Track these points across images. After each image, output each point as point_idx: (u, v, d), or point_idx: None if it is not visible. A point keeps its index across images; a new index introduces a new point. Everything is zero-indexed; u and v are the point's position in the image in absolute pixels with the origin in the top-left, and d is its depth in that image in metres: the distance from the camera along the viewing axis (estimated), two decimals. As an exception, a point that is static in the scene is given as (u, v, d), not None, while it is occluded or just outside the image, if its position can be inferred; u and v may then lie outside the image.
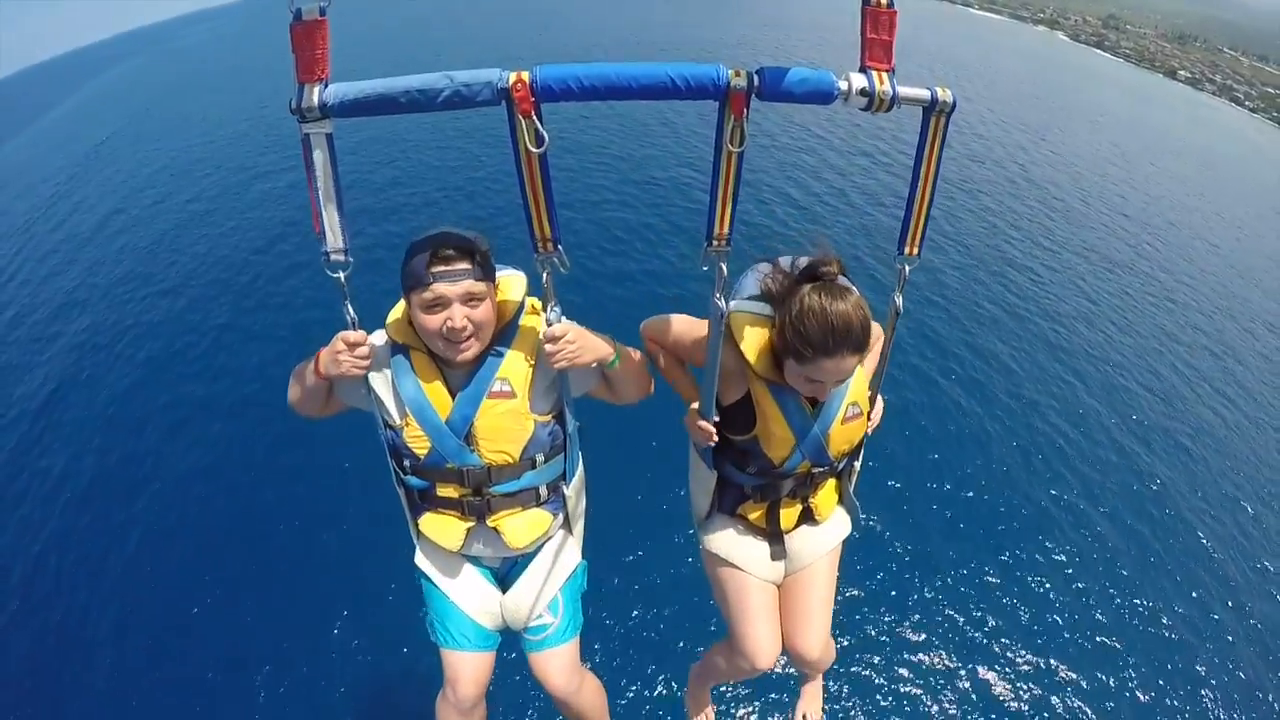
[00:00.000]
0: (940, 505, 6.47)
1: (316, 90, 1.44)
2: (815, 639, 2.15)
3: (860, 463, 2.20)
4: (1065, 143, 22.38)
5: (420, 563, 2.16)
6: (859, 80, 1.48)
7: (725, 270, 1.67)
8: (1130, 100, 41.62)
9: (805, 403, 1.93)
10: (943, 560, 5.94)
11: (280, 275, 9.52)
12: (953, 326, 9.45)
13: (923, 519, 6.28)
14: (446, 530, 2.00)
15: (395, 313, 1.91)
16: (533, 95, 1.43)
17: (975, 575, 5.89)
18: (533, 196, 1.57)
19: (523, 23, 35.40)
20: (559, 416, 1.98)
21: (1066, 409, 8.35)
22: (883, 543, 5.93)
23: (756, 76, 1.45)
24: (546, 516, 2.07)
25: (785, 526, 2.15)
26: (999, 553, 6.14)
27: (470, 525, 2.00)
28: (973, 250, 12.24)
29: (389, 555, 4.94)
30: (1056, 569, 6.12)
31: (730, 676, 2.28)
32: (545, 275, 1.68)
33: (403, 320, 1.88)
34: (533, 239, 1.63)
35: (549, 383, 1.92)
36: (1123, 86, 48.95)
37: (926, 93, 1.54)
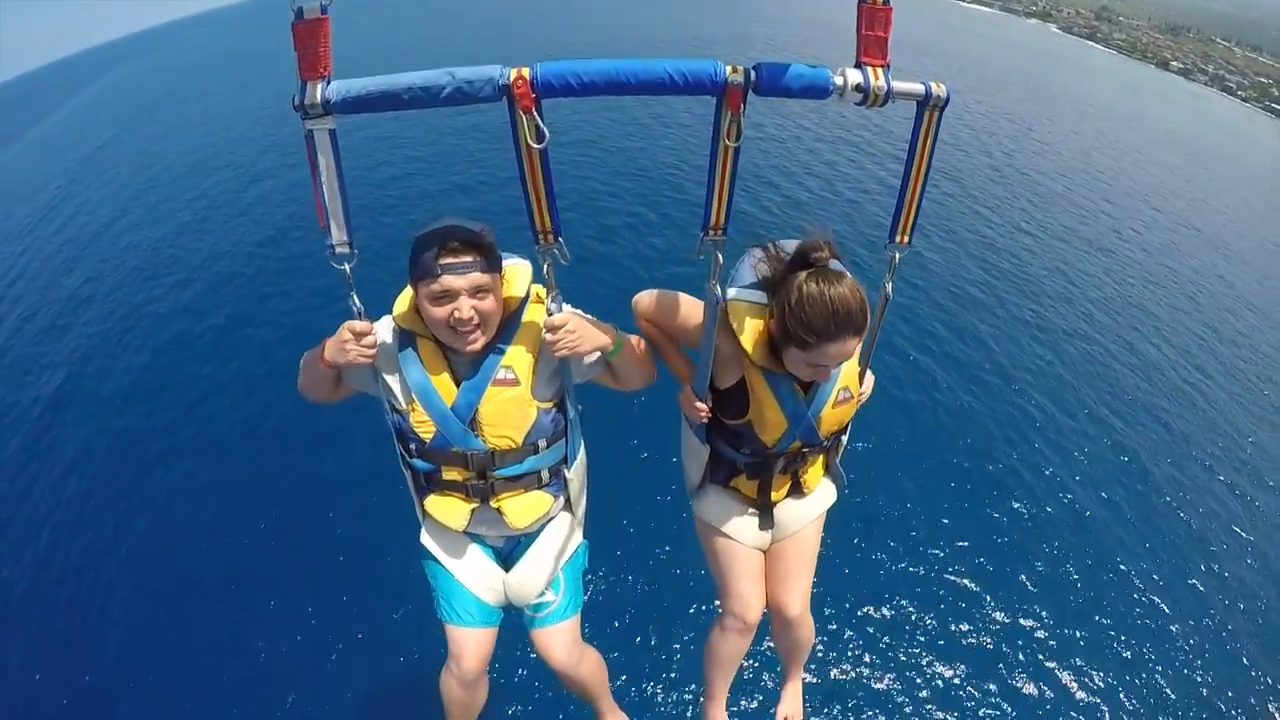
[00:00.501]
0: (917, 475, 6.62)
1: (319, 87, 1.46)
2: (797, 595, 2.27)
3: (847, 436, 2.28)
4: (1051, 132, 22.29)
5: (425, 541, 2.23)
6: (854, 76, 1.50)
7: (721, 259, 1.72)
8: (1120, 91, 41.26)
9: (798, 388, 1.98)
10: (919, 526, 6.10)
11: (284, 268, 9.52)
12: (931, 306, 9.53)
13: (900, 487, 6.45)
14: (451, 511, 2.06)
15: (402, 301, 1.94)
16: (533, 91, 1.45)
17: (952, 538, 6.06)
18: (534, 190, 1.60)
19: (523, 21, 34.90)
20: (561, 403, 2.03)
21: (1042, 382, 8.52)
22: (859, 509, 6.07)
23: (754, 72, 1.47)
24: (548, 498, 2.14)
25: (775, 499, 2.25)
26: (977, 519, 6.34)
27: (474, 506, 2.07)
28: (954, 234, 12.29)
29: (396, 533, 5.06)
30: (1029, 530, 6.35)
31: (727, 654, 2.35)
32: (546, 266, 1.73)
33: (409, 309, 1.92)
34: (534, 231, 1.67)
35: (552, 371, 1.97)
36: (1113, 78, 48.48)
37: (921, 87, 1.57)
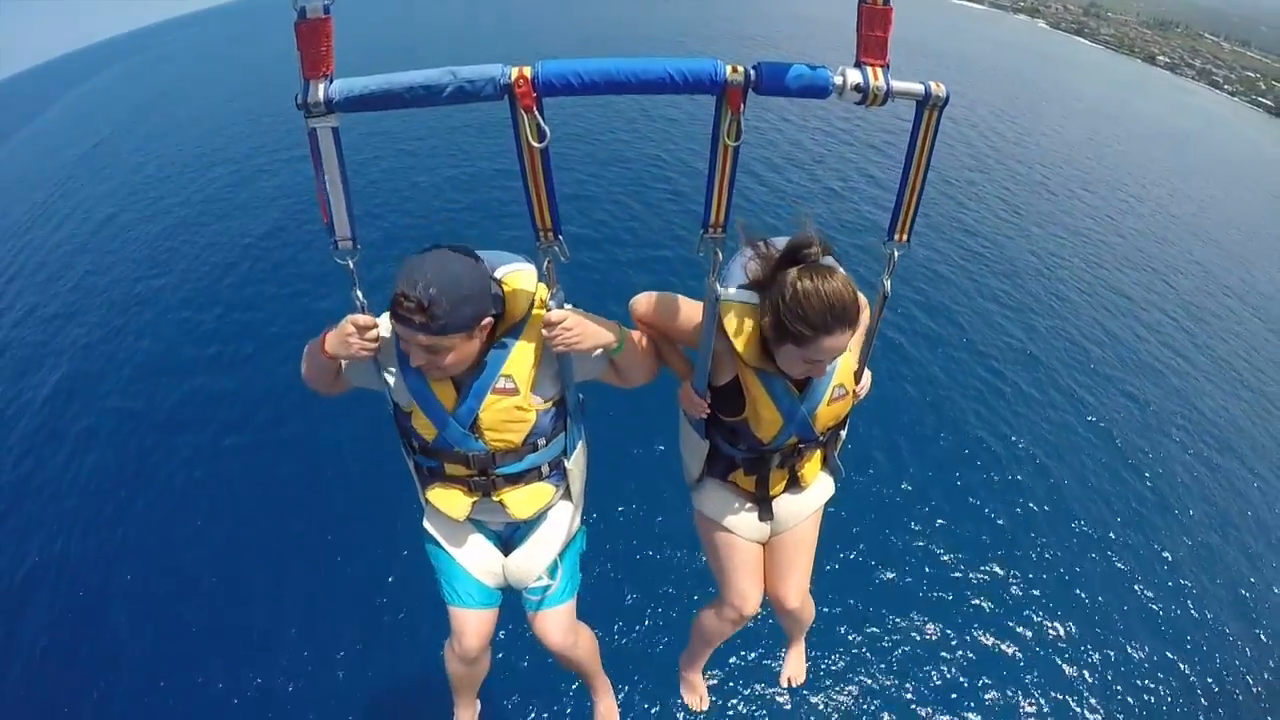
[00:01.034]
0: (893, 447, 6.82)
1: (322, 86, 1.46)
2: (795, 588, 2.32)
3: (845, 431, 2.29)
4: (1034, 125, 22.52)
5: (428, 525, 2.28)
6: (854, 75, 1.50)
7: (720, 256, 1.73)
8: (1105, 85, 41.49)
9: (792, 386, 1.99)
10: (905, 507, 6.31)
11: (287, 261, 9.59)
12: (905, 286, 9.65)
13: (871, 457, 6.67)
14: (453, 503, 2.10)
15: None
16: (535, 90, 1.46)
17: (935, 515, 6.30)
18: (534, 188, 1.61)
19: (522, 19, 34.79)
20: (561, 400, 2.05)
21: (1015, 358, 8.82)
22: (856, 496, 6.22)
23: (754, 72, 1.48)
24: (549, 489, 2.18)
25: (773, 492, 2.26)
26: (962, 493, 6.61)
27: (475, 500, 2.10)
28: (931, 220, 12.45)
29: (400, 514, 5.19)
30: (1002, 499, 6.63)
31: (718, 633, 2.41)
32: (546, 264, 1.74)
33: None
34: (535, 229, 1.68)
35: (553, 372, 1.98)
36: (1099, 72, 48.77)
37: (920, 87, 1.57)
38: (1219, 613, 5.97)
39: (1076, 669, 5.27)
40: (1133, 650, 5.49)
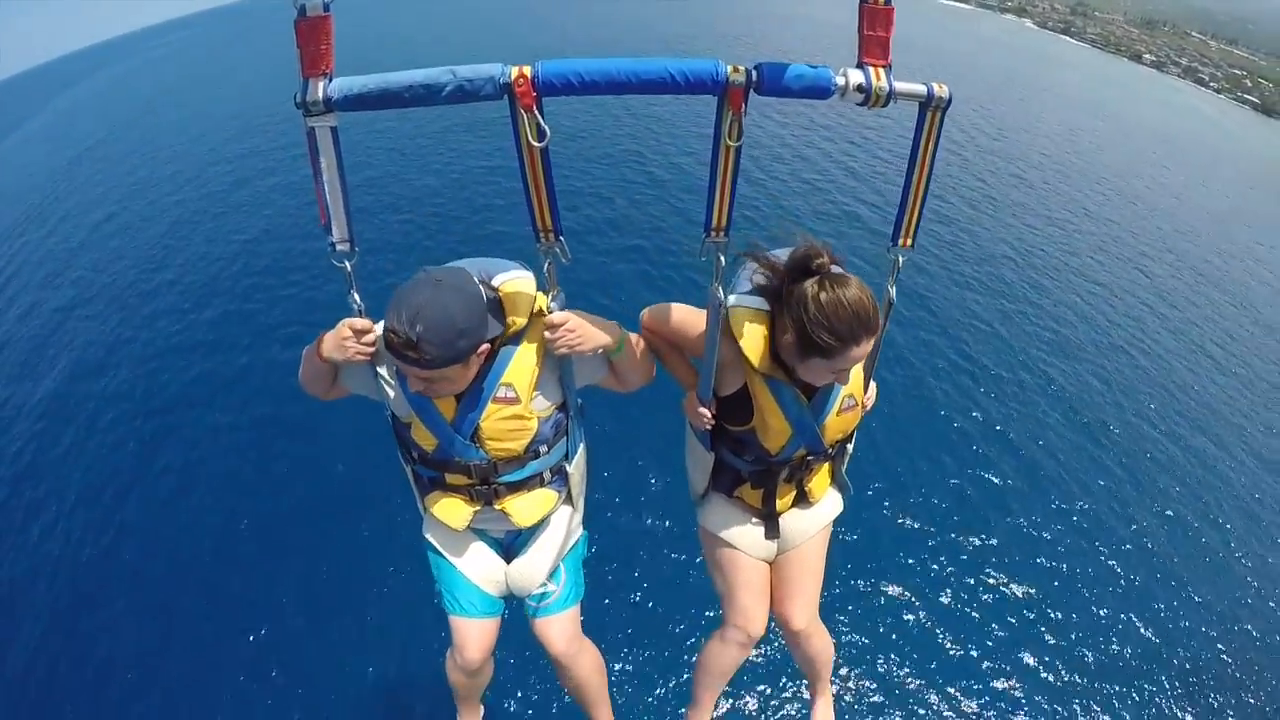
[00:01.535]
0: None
1: (321, 85, 1.46)
2: (802, 607, 2.23)
3: (853, 445, 2.24)
4: (1013, 120, 22.67)
5: (428, 534, 2.24)
6: (856, 76, 1.50)
7: (723, 260, 1.71)
8: (1088, 82, 41.63)
9: (801, 395, 1.94)
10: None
11: (283, 265, 9.57)
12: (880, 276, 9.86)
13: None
14: (454, 512, 2.07)
15: None
16: (534, 90, 1.45)
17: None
18: (534, 189, 1.60)
19: (521, 18, 35.14)
20: (562, 405, 2.02)
21: (981, 339, 9.03)
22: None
23: (755, 72, 1.47)
24: (551, 495, 2.15)
25: (780, 507, 2.21)
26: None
27: (477, 509, 2.07)
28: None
29: (399, 525, 5.16)
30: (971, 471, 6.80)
31: (724, 663, 2.28)
32: (547, 265, 1.72)
33: None
34: (535, 230, 1.67)
35: (555, 377, 1.95)
36: (1083, 70, 48.83)
37: (923, 88, 1.56)
38: (1189, 577, 6.18)
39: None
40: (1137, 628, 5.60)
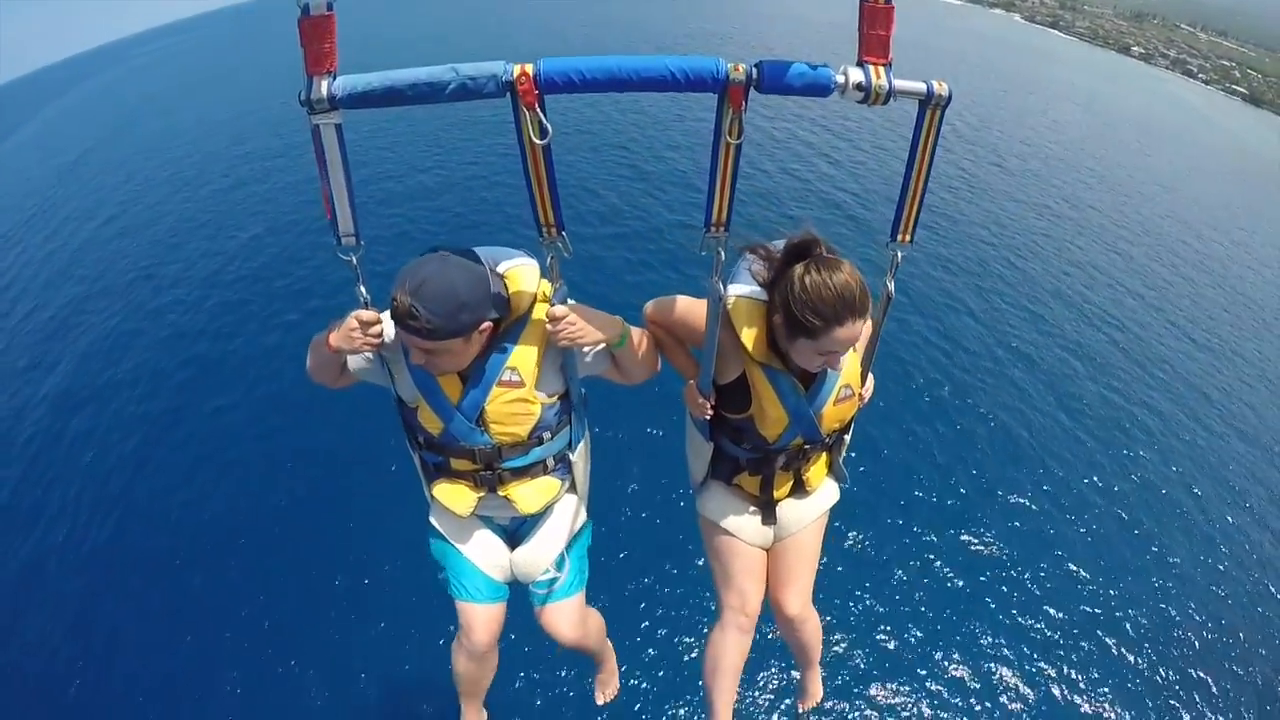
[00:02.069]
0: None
1: (325, 82, 1.47)
2: (796, 593, 2.27)
3: (850, 435, 2.27)
4: (996, 110, 22.77)
5: (434, 520, 2.28)
6: (856, 74, 1.50)
7: (723, 255, 1.73)
8: (1073, 74, 41.53)
9: (799, 384, 1.98)
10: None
11: (290, 260, 9.71)
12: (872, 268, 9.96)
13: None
14: (459, 498, 2.11)
15: None
16: (536, 88, 1.47)
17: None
18: (537, 185, 1.62)
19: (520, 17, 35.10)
20: (565, 394, 2.05)
21: (964, 321, 9.31)
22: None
23: (755, 70, 1.47)
24: (555, 483, 2.18)
25: (777, 496, 2.25)
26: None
27: (481, 495, 2.11)
28: (888, 195, 12.69)
29: (406, 510, 5.17)
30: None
31: (729, 651, 2.27)
32: (550, 259, 1.75)
33: None
34: (537, 225, 1.69)
35: (557, 366, 1.99)
36: (1069, 63, 48.77)
37: (922, 86, 1.56)
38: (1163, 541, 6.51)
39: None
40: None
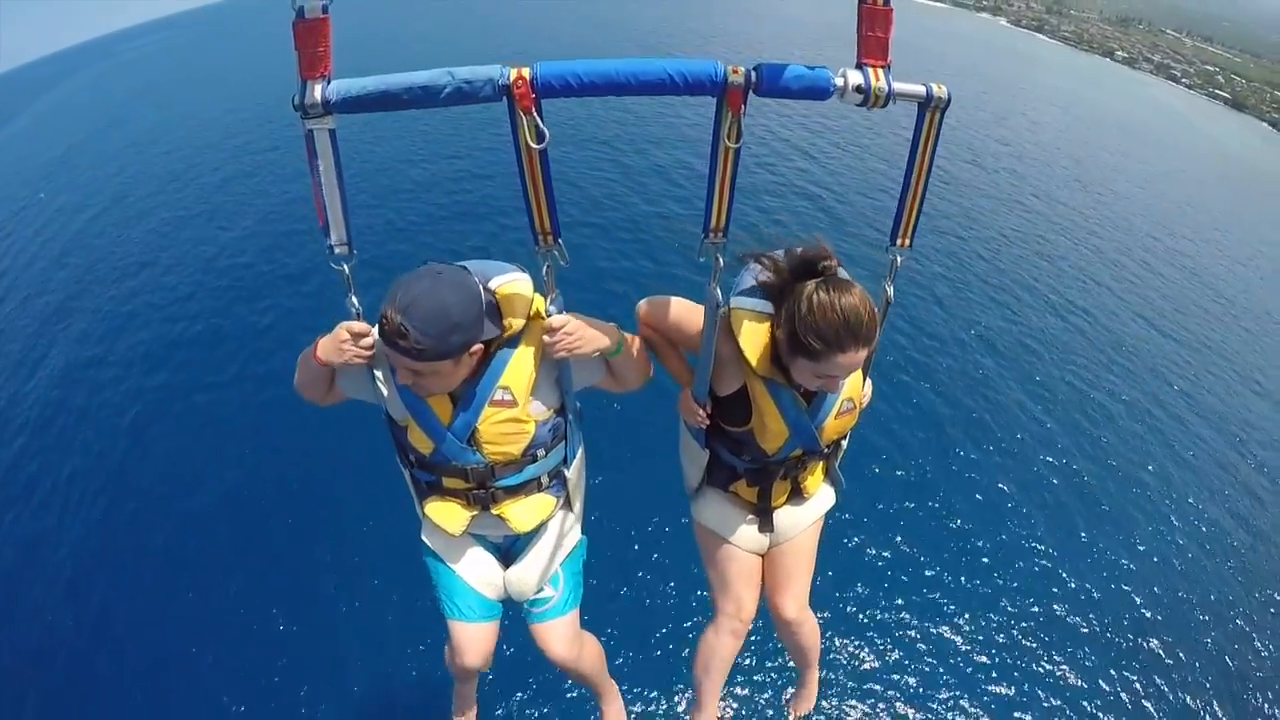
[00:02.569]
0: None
1: (319, 87, 1.45)
2: (794, 597, 2.25)
3: (847, 442, 2.25)
4: (975, 111, 22.92)
5: (426, 538, 2.24)
6: (855, 76, 1.49)
7: (721, 261, 1.70)
8: (1054, 77, 42.05)
9: (800, 398, 1.94)
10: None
11: (280, 274, 9.58)
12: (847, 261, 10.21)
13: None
14: (451, 517, 2.06)
15: None
16: (533, 91, 1.45)
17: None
18: (533, 191, 1.60)
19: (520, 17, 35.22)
20: (560, 409, 2.01)
21: (924, 305, 9.52)
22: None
23: (754, 73, 1.46)
24: (550, 500, 2.14)
25: (775, 504, 2.22)
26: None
27: (474, 514, 2.06)
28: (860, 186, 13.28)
29: (397, 528, 5.14)
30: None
31: (720, 653, 2.28)
32: (545, 268, 1.72)
33: None
34: (533, 233, 1.66)
35: (552, 380, 1.95)
36: (1051, 66, 49.35)
37: (922, 88, 1.56)
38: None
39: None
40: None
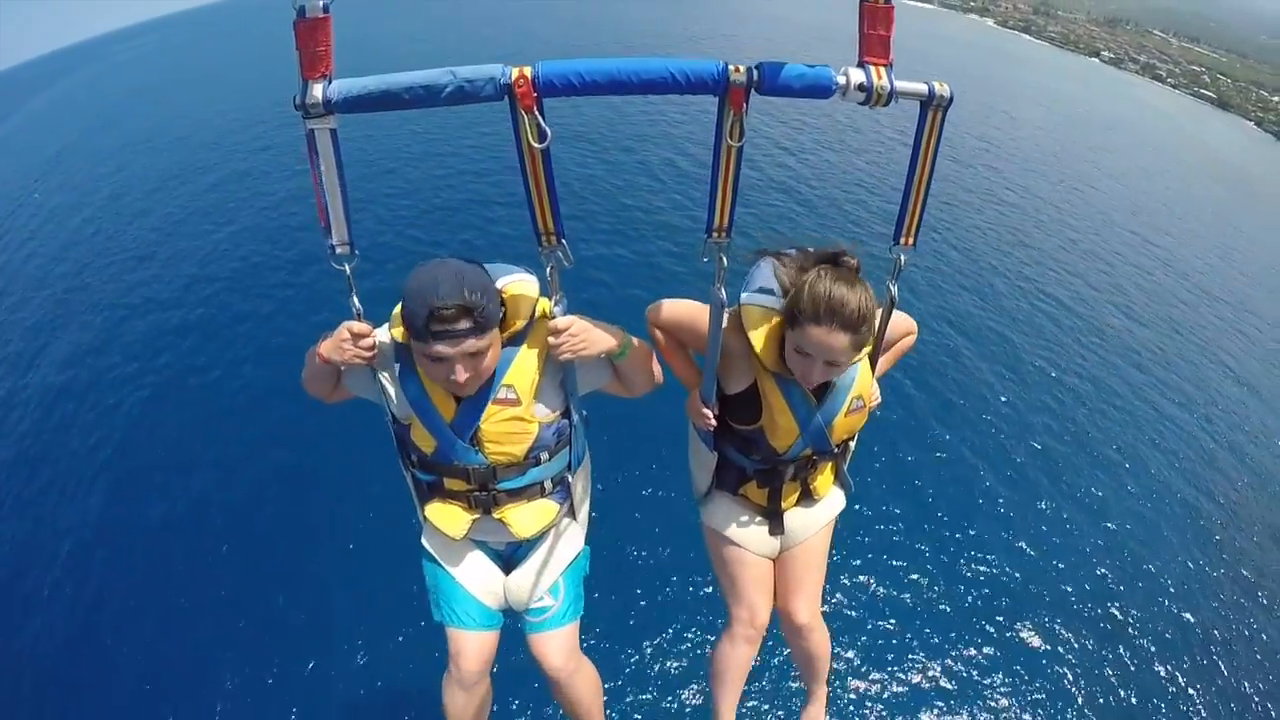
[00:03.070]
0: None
1: (320, 86, 1.45)
2: (805, 602, 2.24)
3: (855, 442, 2.24)
4: (954, 112, 22.91)
5: (426, 543, 2.20)
6: (857, 75, 1.49)
7: (725, 261, 1.69)
8: (1038, 76, 42.45)
9: (810, 395, 1.94)
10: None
11: (281, 269, 9.59)
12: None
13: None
14: (452, 520, 2.04)
15: (399, 316, 1.84)
16: (535, 90, 1.45)
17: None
18: (536, 191, 1.59)
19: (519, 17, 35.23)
20: (565, 413, 2.00)
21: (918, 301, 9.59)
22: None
23: (756, 71, 1.46)
24: (553, 506, 2.11)
25: (785, 505, 2.21)
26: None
27: (475, 517, 2.04)
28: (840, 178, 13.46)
29: (396, 534, 5.11)
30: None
31: (735, 662, 2.27)
32: (549, 269, 1.70)
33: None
34: (536, 233, 1.65)
35: (557, 383, 1.94)
36: (1036, 66, 49.76)
37: (924, 87, 1.56)
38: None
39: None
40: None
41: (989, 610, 5.49)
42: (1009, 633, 5.37)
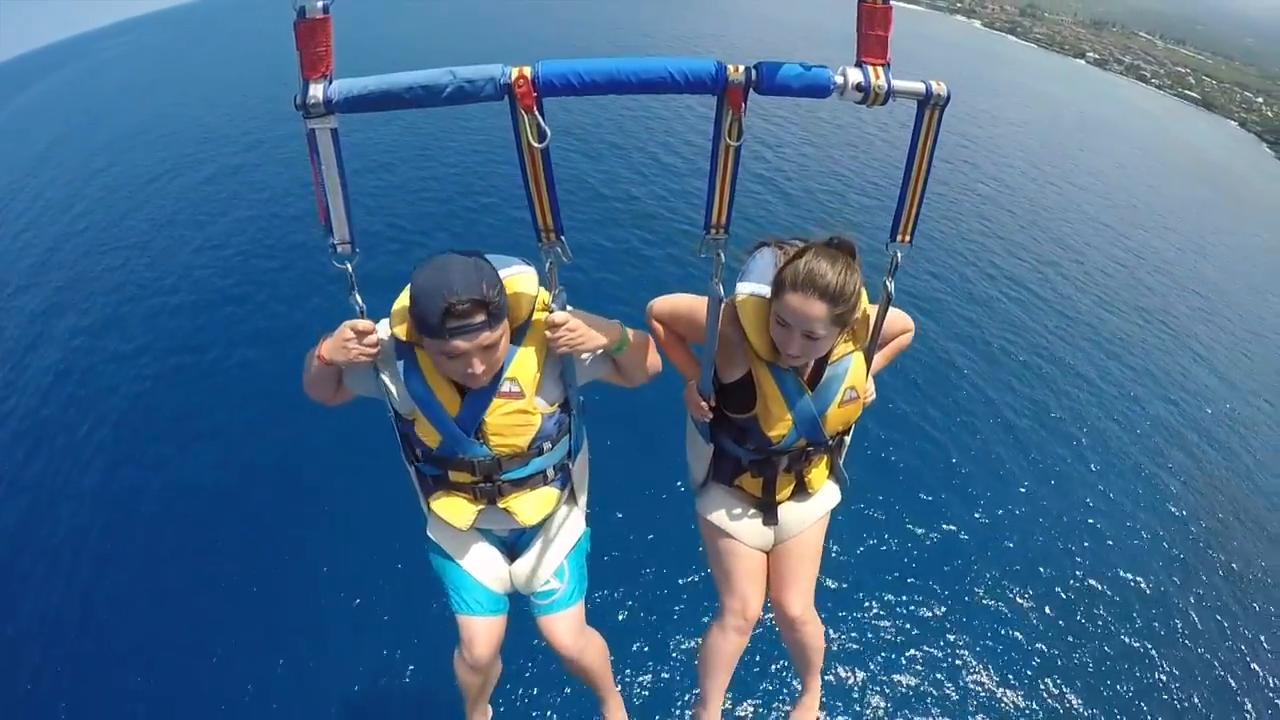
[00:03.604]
0: None
1: (320, 86, 1.45)
2: (798, 595, 2.26)
3: (850, 436, 2.27)
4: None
5: (432, 533, 2.24)
6: (855, 75, 1.51)
7: (723, 257, 1.72)
8: (1021, 77, 42.89)
9: (804, 384, 1.98)
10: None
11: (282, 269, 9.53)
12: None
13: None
14: (458, 512, 2.07)
15: (399, 313, 1.85)
16: (535, 90, 1.45)
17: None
18: (535, 189, 1.60)
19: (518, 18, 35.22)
20: (565, 404, 2.03)
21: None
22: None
23: (754, 71, 1.48)
24: (554, 493, 2.15)
25: (780, 497, 2.24)
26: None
27: (481, 508, 2.07)
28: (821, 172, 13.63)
29: (404, 522, 5.12)
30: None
31: (725, 651, 2.30)
32: (548, 265, 1.72)
33: (409, 322, 1.83)
34: (536, 230, 1.67)
35: (557, 374, 1.96)
36: (1020, 66, 50.18)
37: (921, 86, 1.57)
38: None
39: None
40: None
41: (972, 588, 5.71)
42: (1004, 612, 5.58)
